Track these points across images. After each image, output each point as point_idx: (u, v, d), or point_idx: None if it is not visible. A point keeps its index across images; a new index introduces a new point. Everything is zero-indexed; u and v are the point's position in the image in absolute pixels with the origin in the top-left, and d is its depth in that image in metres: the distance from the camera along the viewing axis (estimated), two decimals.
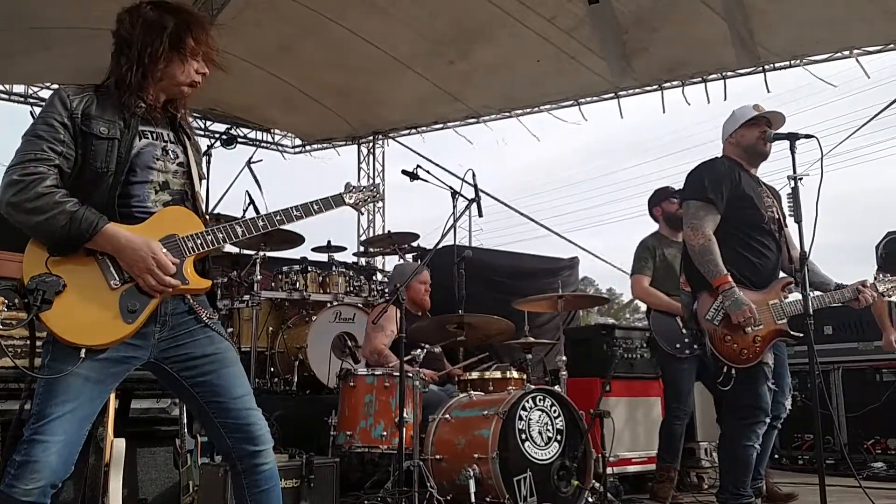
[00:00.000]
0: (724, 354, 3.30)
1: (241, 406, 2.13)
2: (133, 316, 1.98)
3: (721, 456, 3.55)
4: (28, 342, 2.05)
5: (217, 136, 8.85)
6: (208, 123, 8.85)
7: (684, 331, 4.36)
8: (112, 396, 2.99)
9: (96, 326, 1.94)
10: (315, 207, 2.30)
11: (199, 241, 2.10)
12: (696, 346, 4.42)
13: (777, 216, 3.57)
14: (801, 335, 3.48)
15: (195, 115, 8.62)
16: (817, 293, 3.57)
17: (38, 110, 7.83)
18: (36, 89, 7.73)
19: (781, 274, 3.60)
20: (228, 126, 8.88)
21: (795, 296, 3.50)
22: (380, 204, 9.83)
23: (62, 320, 1.91)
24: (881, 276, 3.71)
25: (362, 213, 2.74)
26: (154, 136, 2.16)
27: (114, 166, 2.04)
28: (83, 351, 1.91)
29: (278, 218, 2.23)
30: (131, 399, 3.63)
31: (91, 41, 6.33)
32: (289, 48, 7.23)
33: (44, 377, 1.93)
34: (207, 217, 2.26)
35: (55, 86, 7.72)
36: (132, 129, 2.10)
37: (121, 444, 2.88)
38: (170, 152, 2.18)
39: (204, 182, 2.47)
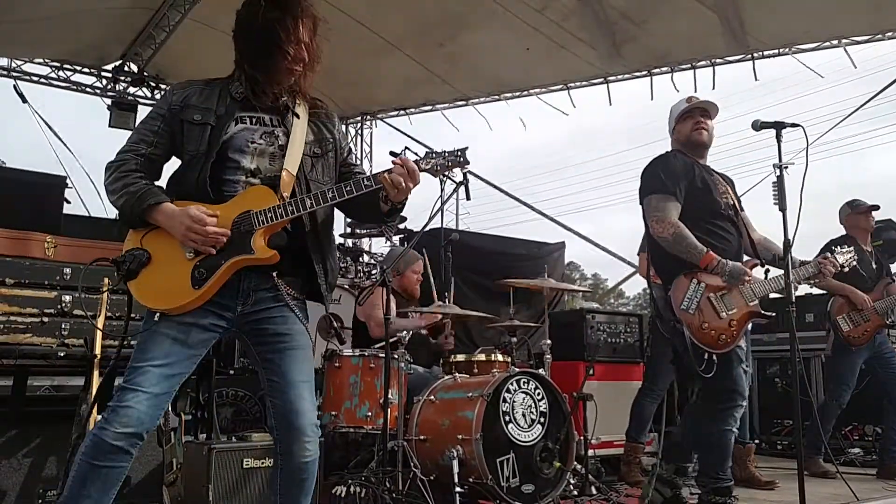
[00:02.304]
0: (704, 341, 3.32)
1: (293, 391, 2.18)
2: (200, 282, 2.11)
3: (699, 441, 3.56)
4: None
5: None
6: None
7: None
8: (96, 374, 3.00)
9: (169, 292, 2.11)
10: (387, 174, 2.20)
11: (269, 214, 2.16)
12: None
13: (732, 202, 3.62)
14: (773, 314, 3.59)
15: None
16: (781, 272, 3.58)
17: (22, 84, 7.73)
18: (20, 63, 7.60)
19: (746, 257, 3.63)
20: None
21: (759, 272, 3.56)
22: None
23: (142, 288, 2.13)
24: (839, 248, 3.79)
25: (443, 181, 2.72)
26: (253, 120, 2.26)
27: (205, 148, 2.18)
28: (157, 315, 2.10)
29: (348, 188, 2.20)
30: (115, 376, 3.62)
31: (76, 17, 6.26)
32: None
33: (132, 340, 2.14)
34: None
35: (38, 60, 7.63)
36: (230, 114, 2.22)
37: None
38: (269, 135, 2.25)
39: (352, 155, 2.49)
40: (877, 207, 5.15)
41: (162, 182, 2.29)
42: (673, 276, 3.42)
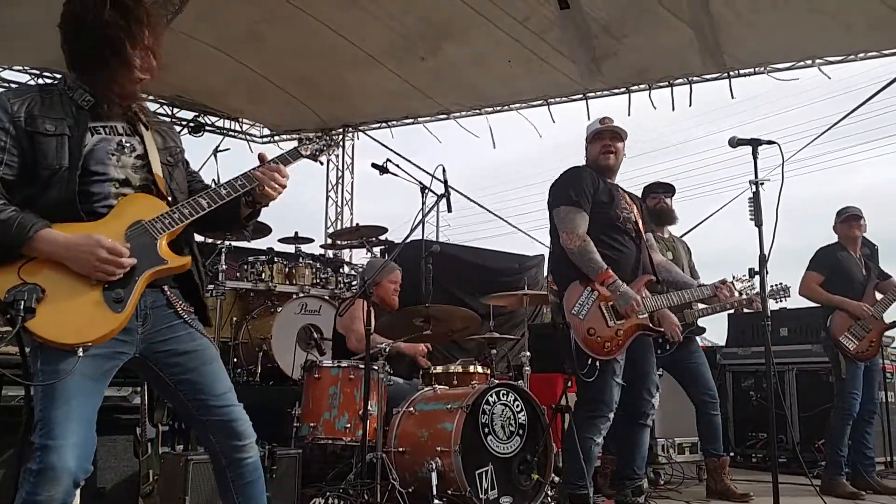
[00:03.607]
0: (589, 347, 3.46)
1: (223, 403, 2.14)
2: (121, 305, 1.94)
3: (564, 447, 3.68)
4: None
5: (185, 123, 8.75)
6: (176, 111, 8.71)
7: (660, 340, 4.46)
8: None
9: (87, 323, 1.90)
10: (273, 164, 2.21)
11: (166, 221, 2.05)
12: (668, 347, 4.55)
13: (634, 219, 3.77)
14: (662, 329, 3.79)
15: (162, 101, 8.51)
16: (678, 292, 3.83)
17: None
18: None
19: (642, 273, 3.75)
20: (196, 114, 8.77)
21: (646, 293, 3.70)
22: (348, 196, 9.81)
23: (51, 325, 1.86)
24: (738, 276, 3.97)
25: (322, 164, 2.75)
26: (107, 129, 2.10)
27: (66, 162, 1.97)
28: (80, 350, 1.86)
29: (240, 182, 2.16)
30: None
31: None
32: (258, 37, 7.16)
33: (45, 384, 1.88)
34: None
35: (17, 67, 7.55)
36: (82, 124, 2.03)
37: None
38: (125, 146, 2.11)
39: (185, 156, 2.38)
40: (858, 217, 5.18)
41: None
42: (569, 282, 3.55)
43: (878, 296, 5.07)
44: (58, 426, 1.86)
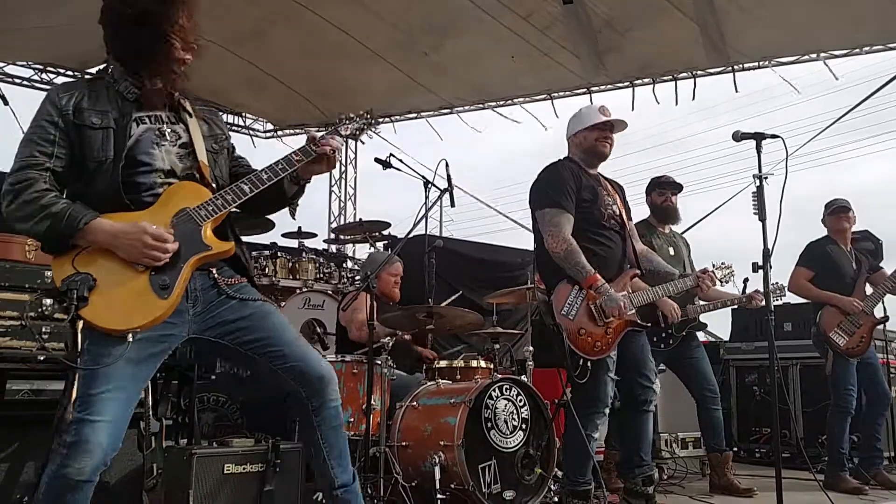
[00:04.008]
0: (580, 348, 3.44)
1: (295, 348, 2.19)
2: (167, 291, 2.01)
3: (563, 444, 3.70)
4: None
5: None
6: None
7: (663, 324, 4.47)
8: (76, 377, 2.97)
9: (135, 309, 1.98)
10: (313, 148, 2.24)
11: (210, 208, 2.11)
12: (671, 342, 4.55)
13: (619, 212, 3.73)
14: (649, 325, 3.77)
15: None
16: (663, 284, 3.82)
17: (3, 87, 7.66)
18: (2, 65, 7.53)
19: (628, 266, 3.75)
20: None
21: (638, 283, 3.76)
22: (351, 191, 9.81)
23: (102, 313, 1.95)
24: (718, 263, 4.01)
25: (363, 143, 2.79)
26: (152, 119, 2.16)
27: (112, 153, 2.04)
28: (130, 336, 1.95)
29: (280, 166, 2.20)
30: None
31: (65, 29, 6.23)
32: (261, 34, 7.16)
33: (90, 368, 1.96)
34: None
35: (21, 62, 7.56)
36: (127, 115, 2.10)
37: None
38: (170, 134, 2.17)
39: (235, 149, 2.44)
40: (847, 209, 5.16)
41: None
42: (557, 281, 3.54)
43: (869, 289, 5.04)
44: (96, 403, 1.94)
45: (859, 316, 4.89)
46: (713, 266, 3.98)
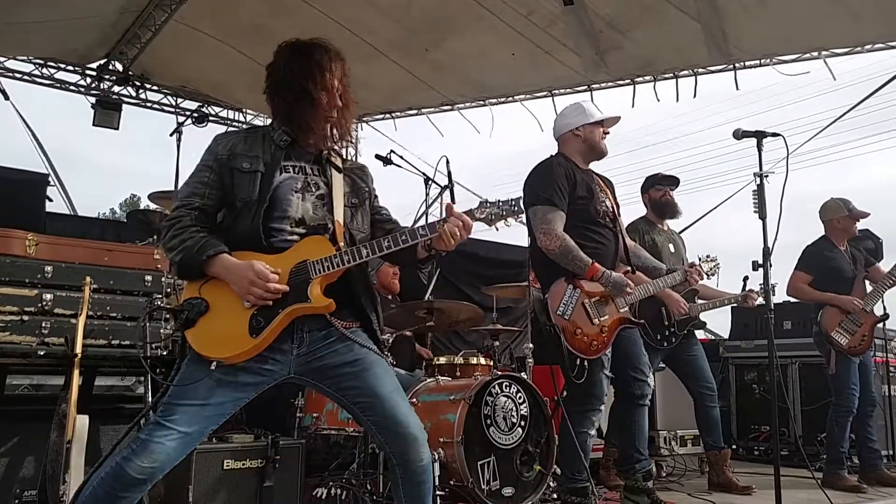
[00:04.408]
0: (577, 347, 3.45)
1: (390, 404, 2.22)
2: (258, 331, 2.12)
3: (560, 443, 3.71)
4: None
5: (188, 113, 8.74)
6: (179, 101, 8.71)
7: (667, 322, 4.48)
8: (76, 373, 2.98)
9: (226, 341, 2.12)
10: (443, 224, 2.24)
11: (325, 264, 2.19)
12: (673, 340, 4.56)
13: (611, 209, 3.74)
14: (642, 322, 3.80)
15: (165, 91, 8.50)
16: (654, 281, 3.84)
17: (4, 81, 7.65)
18: (2, 59, 7.53)
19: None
20: (200, 104, 8.76)
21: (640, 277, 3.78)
22: None
23: (200, 337, 2.13)
24: (705, 256, 4.05)
25: (497, 230, 2.79)
26: (296, 169, 2.31)
27: (257, 195, 2.21)
28: (213, 364, 2.10)
29: (403, 238, 2.25)
30: (95, 376, 3.60)
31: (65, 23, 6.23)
32: (262, 29, 7.14)
33: (177, 385, 2.12)
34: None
35: (22, 57, 7.55)
36: (276, 161, 2.27)
37: (84, 420, 2.86)
38: (311, 185, 2.30)
39: (377, 199, 2.53)
40: (864, 215, 5.17)
41: None
42: (552, 279, 3.54)
43: (869, 287, 5.05)
44: (176, 413, 2.07)
45: (859, 314, 4.90)
46: (699, 259, 4.01)
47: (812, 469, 4.48)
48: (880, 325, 5.09)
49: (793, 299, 5.59)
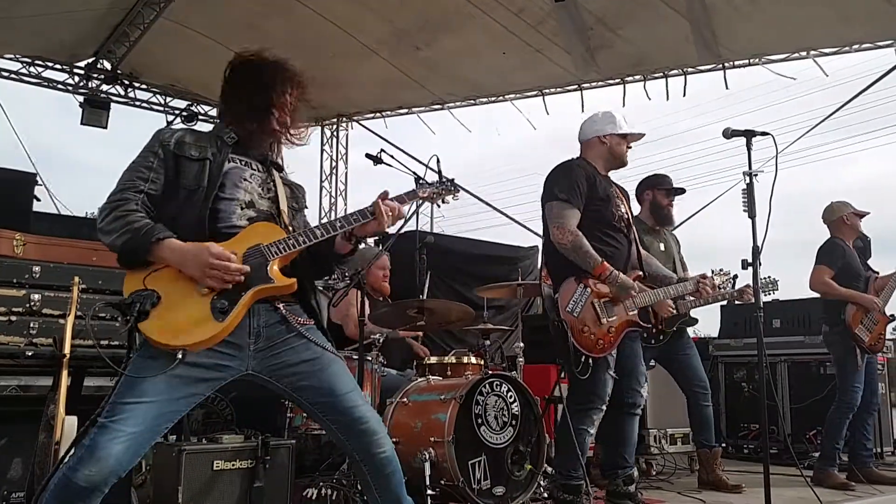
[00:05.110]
0: (583, 345, 3.47)
1: (347, 403, 2.22)
2: (224, 315, 2.07)
3: (557, 440, 3.73)
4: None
5: (177, 112, 8.71)
6: (168, 100, 8.68)
7: (654, 320, 4.49)
8: (65, 374, 2.96)
9: (190, 329, 2.04)
10: (392, 201, 2.34)
11: (281, 246, 2.19)
12: (661, 338, 4.56)
13: (626, 215, 3.78)
14: (650, 325, 3.82)
15: (155, 90, 8.46)
16: (664, 288, 3.86)
17: None
18: None
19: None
20: (189, 103, 8.73)
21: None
22: (342, 187, 9.79)
23: (157, 328, 2.02)
24: (717, 270, 4.11)
25: (439, 206, 2.84)
26: (243, 162, 2.33)
27: (206, 182, 2.20)
28: (180, 353, 2.01)
29: (354, 217, 2.29)
30: (84, 377, 3.58)
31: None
32: (252, 27, 7.12)
33: (144, 376, 2.00)
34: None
35: (9, 55, 7.49)
36: (223, 153, 2.28)
37: (73, 421, 2.84)
38: (257, 178, 2.33)
39: (306, 212, 2.57)
40: (866, 212, 5.22)
41: None
42: (563, 278, 3.56)
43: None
44: (123, 413, 1.96)
45: (876, 314, 4.95)
46: (712, 272, 4.04)
47: (801, 467, 4.50)
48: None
49: (782, 297, 5.62)
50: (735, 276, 4.63)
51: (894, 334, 6.28)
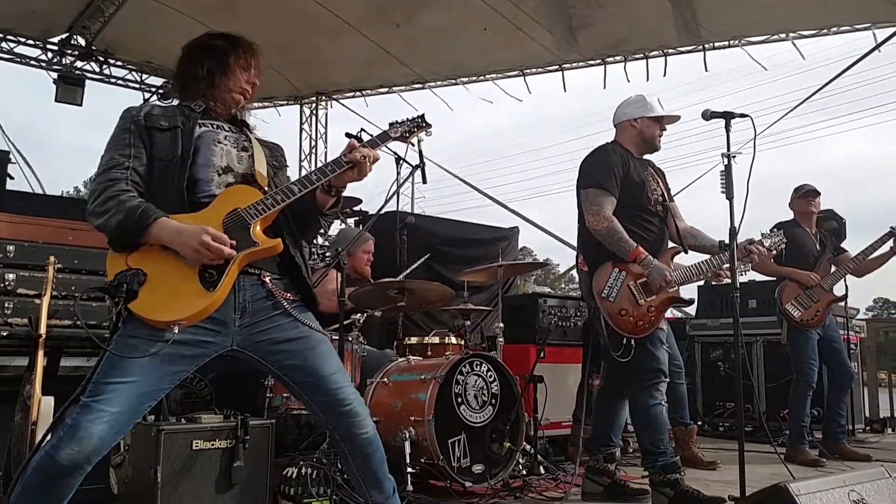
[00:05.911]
0: (622, 328, 3.51)
1: (332, 384, 2.21)
2: (213, 283, 2.04)
3: (634, 422, 3.75)
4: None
5: (154, 90, 8.58)
6: (145, 77, 8.55)
7: None
8: (40, 354, 2.93)
9: (180, 303, 2.01)
10: (345, 157, 2.27)
11: (260, 207, 2.15)
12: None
13: (662, 197, 3.79)
14: (692, 299, 3.83)
15: (131, 67, 8.33)
16: (707, 259, 3.77)
17: None
18: None
19: (671, 244, 3.81)
20: (165, 80, 8.60)
21: (683, 259, 3.76)
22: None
23: (148, 305, 1.99)
24: (767, 231, 3.99)
25: (413, 146, 2.78)
26: (215, 126, 2.30)
27: (180, 152, 2.16)
28: (175, 327, 1.99)
29: (329, 168, 2.24)
30: (61, 357, 3.54)
31: None
32: (229, 3, 7.02)
33: (135, 357, 1.98)
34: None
35: None
36: (193, 120, 2.24)
37: (49, 402, 2.81)
38: (231, 138, 2.30)
39: (287, 170, 2.53)
40: (816, 193, 5.30)
41: None
42: (599, 262, 3.59)
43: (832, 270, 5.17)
44: (105, 392, 1.94)
45: (816, 291, 5.03)
46: (761, 235, 3.88)
47: (775, 444, 4.59)
48: (841, 304, 5.20)
49: (759, 278, 5.69)
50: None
51: (867, 315, 6.39)
